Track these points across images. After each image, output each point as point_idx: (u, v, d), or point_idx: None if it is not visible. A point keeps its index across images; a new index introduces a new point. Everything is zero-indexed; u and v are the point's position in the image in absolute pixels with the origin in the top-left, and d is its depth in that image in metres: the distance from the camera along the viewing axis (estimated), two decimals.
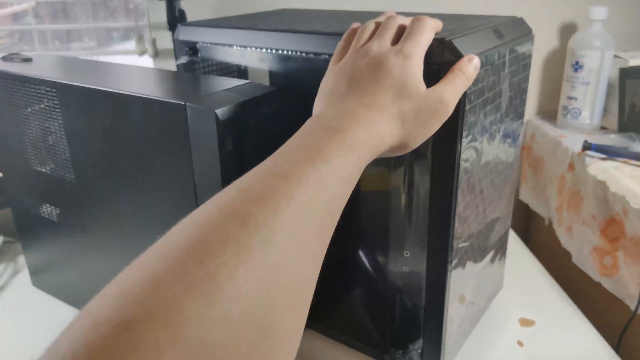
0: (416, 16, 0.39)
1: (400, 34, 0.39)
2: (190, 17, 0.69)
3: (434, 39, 0.39)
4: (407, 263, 0.47)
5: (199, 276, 0.20)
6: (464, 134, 0.41)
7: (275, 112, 0.46)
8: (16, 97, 0.54)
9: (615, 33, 0.76)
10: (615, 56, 0.74)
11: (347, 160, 0.30)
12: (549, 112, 0.86)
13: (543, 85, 0.86)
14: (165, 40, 0.77)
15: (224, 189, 0.27)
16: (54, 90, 0.50)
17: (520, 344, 0.56)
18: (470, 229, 0.48)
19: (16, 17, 0.90)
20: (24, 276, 0.71)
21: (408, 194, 0.44)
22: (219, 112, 0.40)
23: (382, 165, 0.45)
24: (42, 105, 0.52)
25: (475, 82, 0.41)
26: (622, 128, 0.71)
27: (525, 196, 0.85)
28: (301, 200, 0.26)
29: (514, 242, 0.74)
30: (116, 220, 0.52)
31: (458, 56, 0.39)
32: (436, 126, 0.36)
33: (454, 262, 0.46)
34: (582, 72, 0.74)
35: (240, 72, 0.57)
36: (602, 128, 0.77)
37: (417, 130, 0.35)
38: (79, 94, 0.48)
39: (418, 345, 0.50)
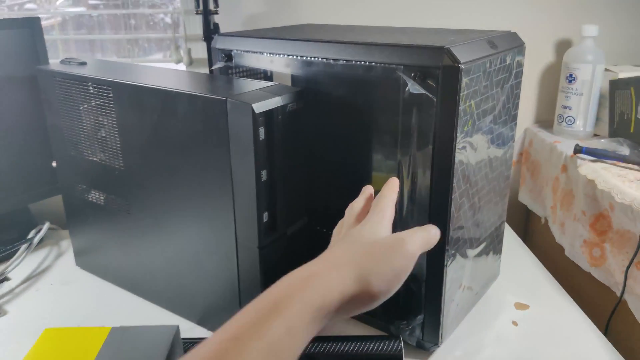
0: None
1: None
2: (222, 30, 0.78)
3: (434, 47, 0.47)
4: None
5: None
6: (459, 130, 0.48)
7: (299, 109, 0.53)
8: (74, 95, 0.62)
9: (606, 48, 0.83)
10: (606, 69, 0.81)
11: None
12: (546, 121, 0.93)
13: (540, 95, 0.93)
14: (197, 50, 0.85)
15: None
16: (110, 88, 0.58)
17: (514, 323, 0.62)
18: (466, 215, 0.54)
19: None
20: (68, 258, 0.79)
21: (412, 179, 0.51)
22: (254, 106, 0.47)
23: (390, 155, 0.52)
24: (98, 102, 0.60)
25: (469, 85, 0.48)
26: (612, 134, 0.78)
27: (524, 197, 0.91)
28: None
29: (513, 240, 0.81)
30: (159, 203, 0.59)
31: (455, 61, 0.46)
32: (400, 264, 0.39)
33: (451, 243, 0.52)
34: (575, 83, 0.81)
35: (266, 76, 0.65)
36: (595, 135, 0.84)
37: (375, 265, 0.38)
38: (132, 91, 0.56)
39: (420, 318, 0.56)
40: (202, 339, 0.59)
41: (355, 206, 0.48)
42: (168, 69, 0.64)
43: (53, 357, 0.48)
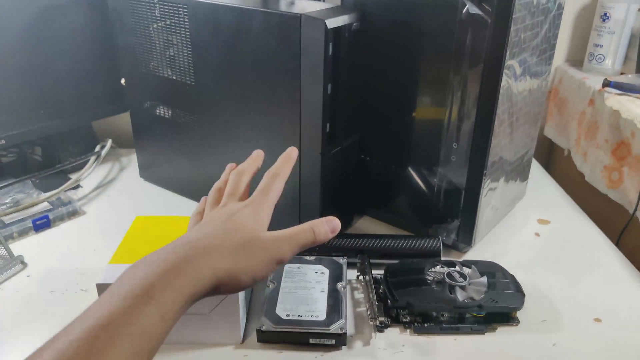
0: (269, 171, 0.45)
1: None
2: None
3: None
4: (454, 153, 0.61)
5: None
6: (508, 50, 0.54)
7: (362, 29, 0.59)
8: (147, 14, 0.68)
9: None
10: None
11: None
12: (576, 60, 0.98)
13: (573, 36, 0.97)
14: None
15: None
16: (185, 7, 0.64)
17: (537, 234, 0.70)
18: (505, 132, 0.61)
19: None
20: (131, 172, 0.87)
21: (462, 96, 0.58)
22: (327, 22, 0.53)
23: (443, 74, 0.58)
24: (172, 20, 0.66)
25: (520, 9, 0.54)
26: (639, 71, 0.83)
27: (550, 132, 0.98)
28: None
29: (538, 169, 0.88)
30: (228, 115, 0.66)
31: None
32: (269, 267, 0.38)
33: (490, 157, 0.59)
34: (609, 22, 0.85)
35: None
36: (622, 73, 0.89)
37: (247, 264, 0.37)
38: (208, 9, 0.62)
39: (456, 222, 0.64)
40: None
41: (217, 186, 0.48)
42: None
43: (146, 240, 0.56)
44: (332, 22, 0.54)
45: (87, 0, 0.81)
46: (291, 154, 0.48)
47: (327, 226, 0.42)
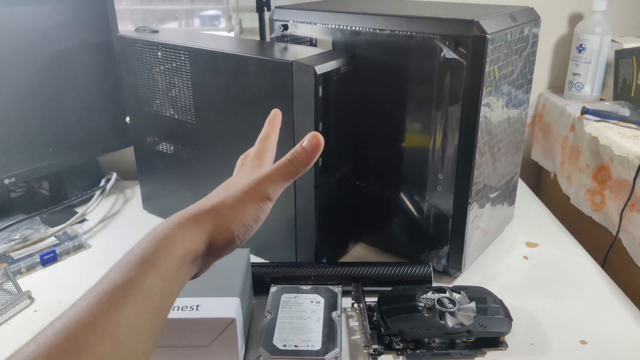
0: (259, 136, 0.48)
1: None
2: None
3: (466, 20, 0.56)
4: (440, 184, 0.65)
5: None
6: (484, 89, 0.58)
7: (349, 72, 0.63)
8: (150, 58, 0.73)
9: (613, 21, 0.93)
10: (612, 40, 0.90)
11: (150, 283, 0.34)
12: (558, 87, 1.03)
13: (553, 64, 1.02)
14: (246, 20, 0.94)
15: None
16: (187, 53, 0.68)
17: (525, 257, 0.74)
18: (487, 162, 0.65)
19: None
20: (135, 204, 0.90)
21: (444, 131, 0.62)
22: (316, 68, 0.58)
23: (425, 111, 0.63)
24: (174, 65, 0.70)
25: (493, 52, 0.58)
26: (616, 98, 0.88)
27: (536, 156, 1.02)
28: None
29: (526, 192, 0.91)
30: (226, 151, 0.70)
31: (483, 32, 0.56)
32: (256, 210, 0.39)
33: (474, 186, 0.63)
34: (585, 53, 0.90)
35: (311, 43, 0.75)
36: (601, 99, 0.93)
37: (235, 213, 0.39)
38: (208, 56, 0.66)
39: (446, 248, 0.68)
40: (267, 263, 0.70)
41: (245, 153, 0.51)
42: (231, 37, 0.73)
43: None
44: (321, 68, 0.58)
45: (95, 45, 0.86)
46: (276, 115, 0.50)
47: (307, 147, 0.40)
